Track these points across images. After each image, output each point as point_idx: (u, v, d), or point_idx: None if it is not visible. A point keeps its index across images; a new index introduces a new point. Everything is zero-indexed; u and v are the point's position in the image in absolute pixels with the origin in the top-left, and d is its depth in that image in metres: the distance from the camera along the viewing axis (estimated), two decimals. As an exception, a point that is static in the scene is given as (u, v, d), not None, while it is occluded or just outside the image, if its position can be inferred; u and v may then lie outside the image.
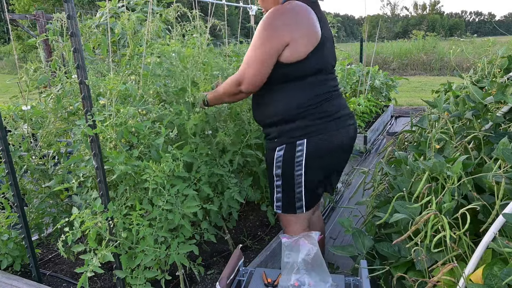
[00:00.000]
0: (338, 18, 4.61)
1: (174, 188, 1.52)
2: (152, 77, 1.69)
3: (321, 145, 1.50)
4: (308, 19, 1.44)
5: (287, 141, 1.51)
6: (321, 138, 1.49)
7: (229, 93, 1.57)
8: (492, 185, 1.20)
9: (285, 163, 1.52)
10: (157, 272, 1.55)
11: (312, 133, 1.49)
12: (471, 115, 1.67)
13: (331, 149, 1.52)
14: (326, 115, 1.51)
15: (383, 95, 5.81)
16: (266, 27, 1.42)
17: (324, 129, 1.50)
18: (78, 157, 1.62)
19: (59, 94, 1.79)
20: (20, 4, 21.30)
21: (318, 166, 1.54)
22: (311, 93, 1.49)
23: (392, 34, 45.87)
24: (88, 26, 1.80)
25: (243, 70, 1.48)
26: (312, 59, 1.44)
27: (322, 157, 1.52)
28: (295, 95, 1.49)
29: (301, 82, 1.48)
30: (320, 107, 1.50)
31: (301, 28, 1.42)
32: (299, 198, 1.56)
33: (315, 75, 1.49)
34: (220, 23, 2.05)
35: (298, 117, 1.49)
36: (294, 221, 1.63)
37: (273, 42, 1.41)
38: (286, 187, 1.56)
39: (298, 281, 1.28)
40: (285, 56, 1.43)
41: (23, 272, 1.96)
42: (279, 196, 1.60)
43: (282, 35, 1.40)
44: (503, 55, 2.08)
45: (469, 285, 1.03)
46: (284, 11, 1.43)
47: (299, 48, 1.42)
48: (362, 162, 4.11)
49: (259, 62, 1.43)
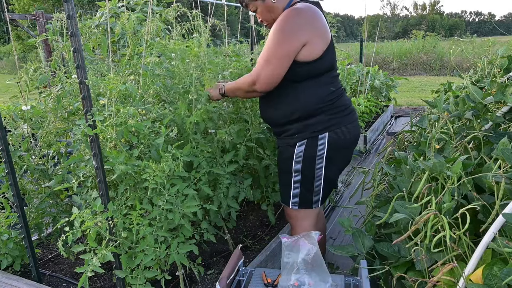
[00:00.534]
0: (338, 18, 4.60)
1: (174, 188, 1.52)
2: (152, 77, 1.69)
3: (341, 137, 1.57)
4: (321, 19, 1.50)
5: (308, 136, 1.56)
6: (341, 131, 1.57)
7: (243, 90, 1.61)
8: (492, 185, 1.20)
9: (306, 157, 1.57)
10: (157, 272, 1.55)
11: (333, 126, 1.56)
12: (471, 115, 1.67)
13: (349, 141, 1.61)
14: (343, 109, 1.59)
15: (383, 95, 5.81)
16: (283, 28, 1.44)
17: (343, 122, 1.58)
18: (78, 157, 1.62)
19: (59, 94, 1.79)
20: (20, 4, 21.29)
21: (338, 159, 1.62)
22: (328, 89, 1.55)
23: (392, 34, 45.87)
24: (88, 26, 1.80)
25: (259, 69, 1.50)
26: (327, 57, 1.50)
27: (341, 150, 1.61)
28: (314, 91, 1.54)
29: (318, 79, 1.53)
30: (337, 102, 1.57)
31: (316, 28, 1.47)
32: (317, 192, 1.62)
33: (329, 72, 1.56)
34: (220, 23, 2.05)
35: (318, 112, 1.54)
36: (305, 217, 1.68)
37: (292, 42, 1.43)
38: (305, 182, 1.60)
39: (298, 281, 1.28)
40: (303, 55, 1.46)
41: (23, 272, 1.96)
42: (297, 191, 1.63)
43: (301, 35, 1.43)
44: (503, 55, 2.08)
45: (469, 285, 1.03)
46: (299, 11, 1.45)
47: (316, 47, 1.46)
48: (362, 162, 4.11)
49: (277, 62, 1.46)
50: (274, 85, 1.52)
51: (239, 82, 1.62)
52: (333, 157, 1.58)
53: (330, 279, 1.30)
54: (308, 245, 1.33)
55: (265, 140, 2.05)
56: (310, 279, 1.28)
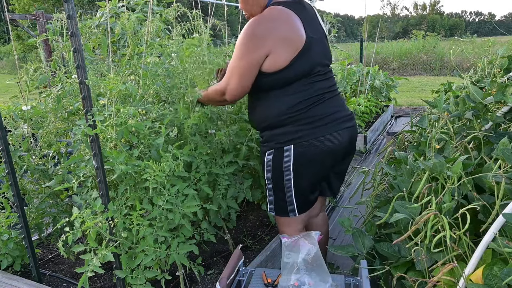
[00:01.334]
0: (338, 18, 4.61)
1: (174, 188, 1.52)
2: (152, 77, 1.69)
3: (309, 151, 1.47)
4: (289, 25, 1.40)
5: (274, 146, 1.51)
6: (309, 144, 1.46)
7: (215, 100, 1.61)
8: (492, 185, 1.20)
9: (274, 167, 1.52)
10: (157, 272, 1.55)
11: (300, 138, 1.46)
12: (471, 115, 1.66)
13: (320, 154, 1.48)
14: (316, 119, 1.47)
15: (383, 95, 5.81)
16: (246, 39, 1.40)
17: (313, 134, 1.46)
18: (78, 157, 1.62)
19: (59, 94, 1.79)
20: (20, 4, 21.31)
21: (307, 172, 1.51)
22: (298, 98, 1.46)
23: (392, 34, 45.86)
24: (88, 26, 1.80)
25: (226, 81, 1.50)
26: (296, 65, 1.41)
27: (310, 163, 1.49)
28: (281, 101, 1.47)
29: (286, 88, 1.46)
30: (309, 111, 1.47)
31: (280, 36, 1.39)
32: (290, 202, 1.54)
33: (302, 79, 1.45)
34: (220, 23, 2.05)
35: (286, 123, 1.48)
36: (288, 223, 1.63)
37: (252, 54, 1.40)
38: (277, 191, 1.56)
39: (298, 281, 1.28)
40: (266, 66, 1.42)
41: (23, 272, 1.96)
42: (271, 199, 1.59)
43: (261, 46, 1.38)
44: (503, 55, 2.07)
45: (469, 285, 1.03)
46: (262, 20, 1.40)
47: (280, 57, 1.39)
48: (362, 162, 4.11)
49: (240, 75, 1.44)
50: (242, 95, 1.51)
51: (210, 92, 1.60)
52: (301, 170, 1.49)
53: (330, 279, 1.30)
54: (308, 245, 1.33)
55: (266, 140, 2.05)
56: (310, 279, 1.28)
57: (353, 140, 1.60)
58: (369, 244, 1.58)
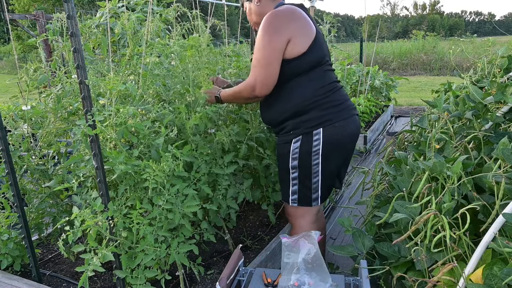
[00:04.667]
0: (338, 18, 4.61)
1: (174, 188, 1.52)
2: (152, 77, 1.69)
3: (337, 133, 1.57)
4: (302, 16, 1.56)
5: (303, 132, 1.57)
6: (335, 126, 1.57)
7: (244, 97, 1.65)
8: (492, 185, 1.20)
9: (302, 153, 1.58)
10: (157, 272, 1.55)
11: (327, 121, 1.56)
12: (471, 115, 1.66)
13: (345, 136, 1.59)
14: (337, 104, 1.59)
15: (383, 95, 5.81)
16: (266, 30, 1.50)
17: (338, 117, 1.58)
18: (78, 157, 1.62)
19: (59, 94, 1.79)
20: (20, 4, 21.30)
21: (334, 154, 1.61)
22: (319, 83, 1.57)
23: (392, 34, 45.86)
24: (88, 26, 1.80)
25: (254, 75, 1.55)
26: (312, 52, 1.53)
27: (337, 145, 1.59)
28: (304, 88, 1.56)
29: (307, 74, 1.56)
30: (331, 96, 1.59)
31: (298, 24, 1.52)
32: (316, 188, 1.62)
33: (318, 66, 1.57)
34: (220, 23, 2.05)
35: (311, 108, 1.56)
36: (304, 214, 1.69)
37: (276, 42, 1.49)
38: (303, 178, 1.62)
39: (298, 281, 1.28)
40: (288, 52, 1.51)
41: (23, 272, 1.96)
42: (295, 188, 1.64)
43: (283, 33, 1.49)
44: (503, 55, 2.07)
45: (469, 285, 1.03)
46: (279, 12, 1.53)
47: (300, 42, 1.50)
48: (362, 162, 4.11)
49: (266, 64, 1.51)
50: (272, 86, 1.56)
51: (238, 90, 1.64)
52: (329, 152, 1.58)
53: (330, 279, 1.30)
54: (308, 245, 1.33)
55: (265, 140, 2.06)
56: (310, 279, 1.28)
57: (360, 128, 1.74)
58: (369, 244, 1.58)
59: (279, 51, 1.50)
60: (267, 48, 1.49)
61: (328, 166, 1.61)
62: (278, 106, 1.62)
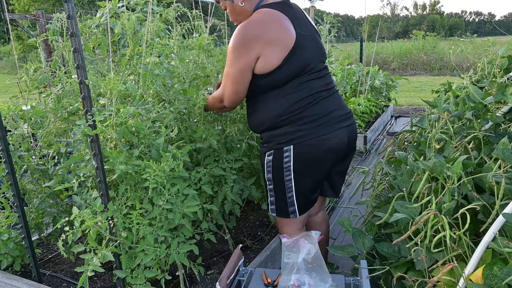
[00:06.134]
0: (338, 18, 4.61)
1: (174, 188, 1.52)
2: (152, 77, 1.69)
3: (308, 150, 1.46)
4: (276, 25, 1.41)
5: (274, 147, 1.51)
6: (308, 143, 1.46)
7: (215, 107, 1.67)
8: (492, 185, 1.20)
9: (274, 168, 1.52)
10: (157, 272, 1.55)
11: (299, 138, 1.46)
12: (471, 115, 1.66)
13: (320, 153, 1.47)
14: (314, 118, 1.46)
15: (383, 95, 5.81)
16: (234, 46, 1.41)
17: (312, 134, 1.46)
18: (78, 157, 1.62)
19: (59, 94, 1.79)
20: (20, 4, 21.30)
21: (308, 172, 1.51)
22: (294, 98, 1.46)
23: (392, 34, 45.83)
24: (88, 26, 1.80)
25: (223, 87, 1.53)
26: (289, 63, 1.41)
27: (310, 163, 1.49)
28: (277, 103, 1.48)
29: (281, 89, 1.47)
30: (307, 111, 1.46)
31: (271, 37, 1.39)
32: (291, 203, 1.54)
33: (297, 77, 1.45)
34: (220, 23, 2.05)
35: (284, 124, 1.48)
36: (289, 223, 1.63)
37: (242, 60, 1.41)
38: (278, 192, 1.55)
39: (298, 281, 1.28)
40: (258, 68, 1.43)
41: (23, 272, 1.96)
42: (272, 199, 1.59)
43: (250, 51, 1.39)
44: (503, 55, 2.07)
45: (469, 285, 1.03)
46: (248, 25, 1.41)
47: (270, 58, 1.40)
48: (362, 162, 4.11)
49: (233, 81, 1.46)
50: (240, 100, 1.54)
51: (210, 99, 1.66)
52: (303, 168, 1.48)
53: (330, 279, 1.30)
54: (308, 245, 1.34)
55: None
56: (310, 279, 1.28)
57: (353, 139, 1.59)
58: (369, 244, 1.58)
59: (247, 69, 1.42)
60: (235, 64, 1.42)
61: (304, 182, 1.51)
62: (256, 116, 1.57)
